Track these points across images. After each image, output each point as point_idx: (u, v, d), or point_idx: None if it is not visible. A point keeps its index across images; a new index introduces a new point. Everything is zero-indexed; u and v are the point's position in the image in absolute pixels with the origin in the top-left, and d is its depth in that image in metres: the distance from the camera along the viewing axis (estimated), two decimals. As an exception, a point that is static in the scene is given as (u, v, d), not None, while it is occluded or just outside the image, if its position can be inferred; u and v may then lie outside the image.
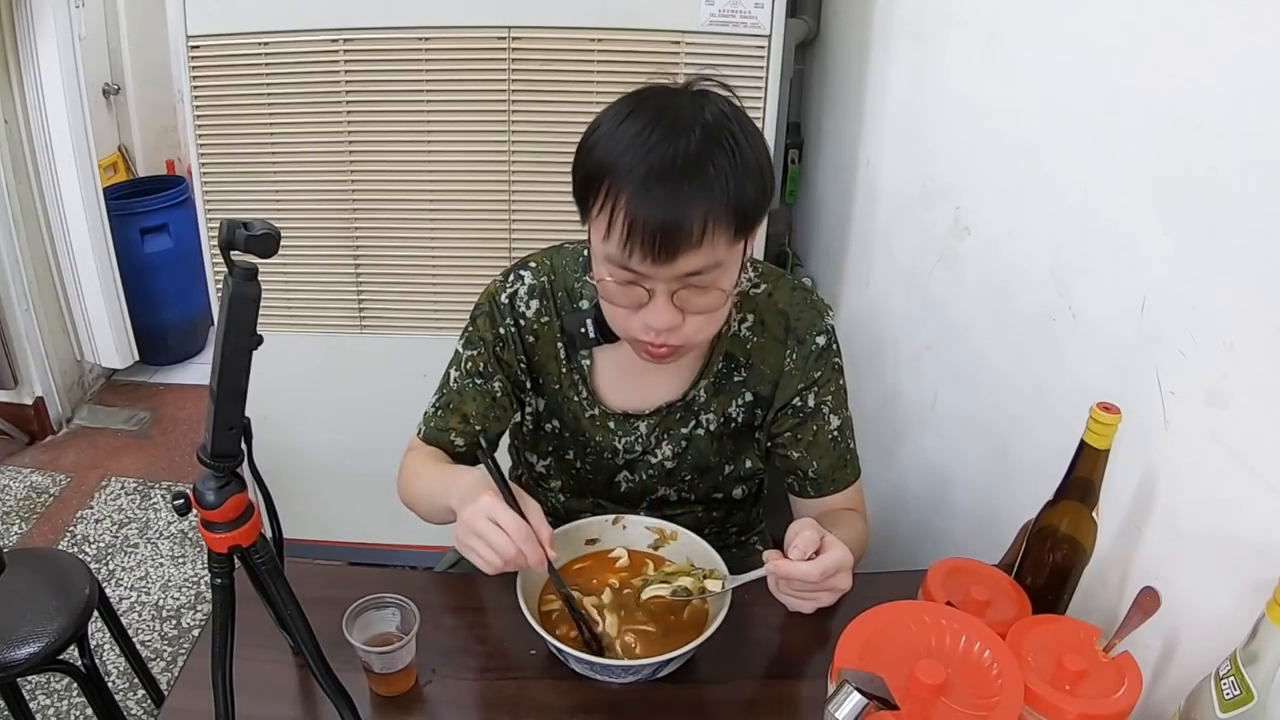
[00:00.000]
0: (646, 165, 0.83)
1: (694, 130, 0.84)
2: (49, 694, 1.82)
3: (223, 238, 0.61)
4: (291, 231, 1.66)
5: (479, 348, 1.09)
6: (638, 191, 0.83)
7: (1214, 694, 0.69)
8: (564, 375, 1.09)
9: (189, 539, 2.28)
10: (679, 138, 0.83)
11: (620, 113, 0.88)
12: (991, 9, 1.23)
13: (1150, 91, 0.88)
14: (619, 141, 0.85)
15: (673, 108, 0.87)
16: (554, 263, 1.08)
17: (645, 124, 0.85)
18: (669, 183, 0.83)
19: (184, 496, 0.69)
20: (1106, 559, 0.92)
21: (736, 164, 0.85)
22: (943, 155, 1.40)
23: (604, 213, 0.86)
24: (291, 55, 1.58)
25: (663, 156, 0.83)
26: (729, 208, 0.84)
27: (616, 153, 0.85)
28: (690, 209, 0.83)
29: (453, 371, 1.12)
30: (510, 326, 1.07)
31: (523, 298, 1.07)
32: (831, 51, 1.95)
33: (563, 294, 1.07)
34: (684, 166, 0.83)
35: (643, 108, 0.87)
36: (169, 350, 3.02)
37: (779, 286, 1.08)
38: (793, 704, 0.91)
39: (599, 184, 0.86)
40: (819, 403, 1.08)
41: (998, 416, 1.24)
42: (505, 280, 1.08)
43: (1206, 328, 0.81)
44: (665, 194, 0.83)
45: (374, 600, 0.92)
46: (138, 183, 2.95)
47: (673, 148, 0.83)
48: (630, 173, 0.83)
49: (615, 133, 0.86)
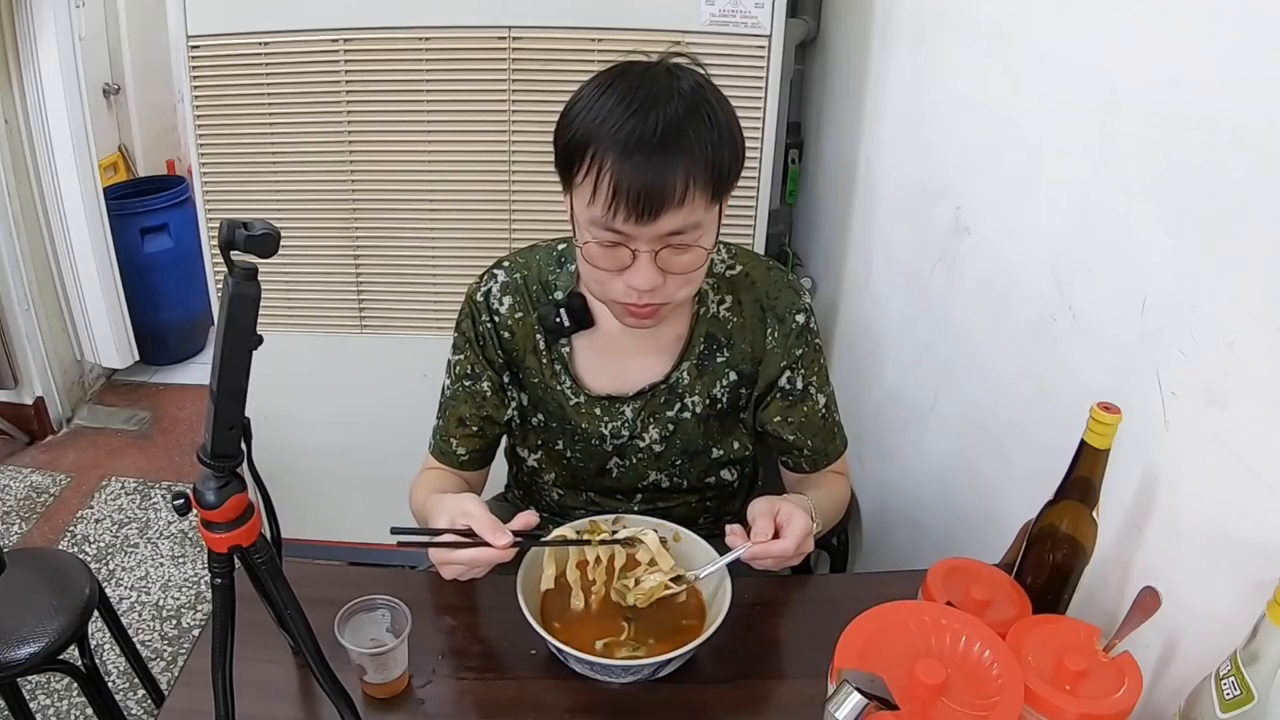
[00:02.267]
0: (629, 131, 0.87)
1: (673, 99, 0.89)
2: (49, 694, 1.82)
3: (223, 238, 0.61)
4: (291, 231, 1.66)
5: (465, 350, 1.13)
6: (621, 156, 0.87)
7: (1214, 694, 0.69)
8: (545, 366, 1.11)
9: (189, 539, 2.28)
10: (659, 106, 0.88)
11: (600, 86, 0.92)
12: (991, 9, 1.23)
13: (1150, 91, 0.88)
14: (600, 110, 0.89)
15: (650, 79, 0.91)
16: (528, 259, 1.12)
17: (625, 94, 0.89)
18: (651, 148, 0.87)
19: (184, 496, 0.69)
20: (1106, 559, 0.92)
21: (713, 130, 0.90)
22: (943, 155, 1.40)
23: (588, 178, 0.90)
24: (291, 55, 1.58)
25: (644, 123, 0.87)
26: (707, 170, 0.89)
27: (598, 121, 0.89)
28: (672, 171, 0.87)
29: (446, 381, 1.16)
30: (487, 323, 1.11)
31: (496, 295, 1.11)
32: (831, 51, 1.95)
33: (537, 287, 1.10)
34: (664, 132, 0.87)
35: (621, 80, 0.91)
36: (169, 350, 3.02)
37: (754, 267, 1.12)
38: (793, 704, 0.91)
39: (582, 151, 0.90)
40: (805, 383, 1.11)
41: (998, 416, 1.24)
42: (480, 280, 1.13)
43: (1206, 328, 0.81)
44: (647, 158, 0.87)
45: (364, 602, 0.91)
46: (138, 183, 2.95)
47: (654, 115, 0.87)
48: (614, 138, 0.88)
49: (596, 104, 0.90)
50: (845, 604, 0.85)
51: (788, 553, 0.94)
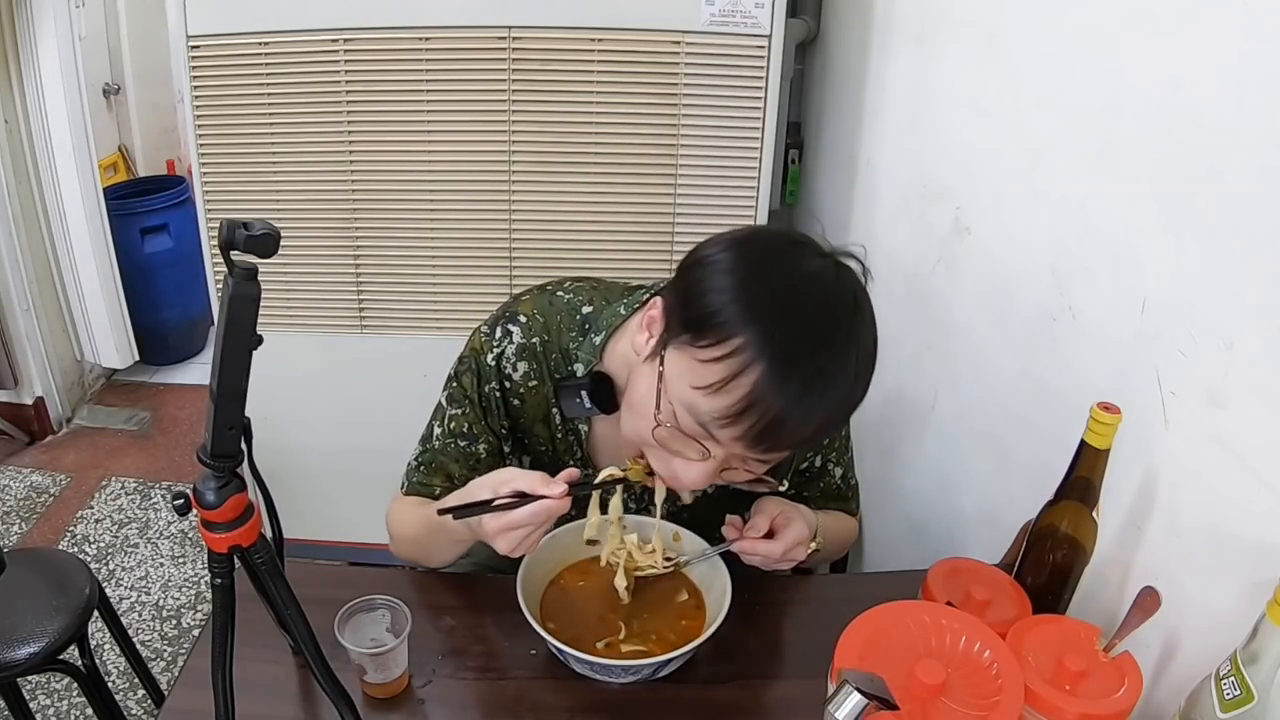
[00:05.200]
0: (799, 357, 0.75)
1: (841, 325, 0.78)
2: (49, 694, 1.82)
3: (223, 238, 0.61)
4: (291, 231, 1.66)
5: (464, 406, 1.03)
6: (772, 376, 0.75)
7: (1214, 694, 0.69)
8: (557, 440, 1.04)
9: (189, 539, 2.28)
10: (829, 331, 0.77)
11: (783, 254, 0.80)
12: (991, 9, 1.23)
13: (1150, 91, 0.88)
14: (776, 294, 0.77)
15: (833, 285, 0.80)
16: (547, 319, 1.01)
17: (810, 292, 0.78)
18: (808, 380, 0.76)
19: (184, 496, 0.69)
20: (1106, 559, 0.92)
21: (864, 366, 0.80)
22: (943, 155, 1.40)
23: (721, 365, 0.76)
24: (291, 55, 1.58)
25: (816, 353, 0.76)
26: (846, 415, 0.81)
27: (772, 312, 0.77)
28: (815, 415, 0.77)
29: (436, 427, 1.07)
30: (495, 390, 1.01)
31: (510, 359, 1.01)
32: (831, 51, 1.95)
33: (556, 356, 1.00)
34: (825, 364, 0.77)
35: (805, 267, 0.79)
36: (169, 350, 3.02)
37: None
38: (793, 704, 0.91)
39: (733, 329, 0.76)
40: (824, 461, 1.09)
41: (998, 416, 1.24)
42: (493, 335, 1.01)
43: (1206, 328, 0.81)
44: (800, 392, 0.76)
45: (364, 602, 0.91)
46: (138, 183, 2.95)
47: (822, 340, 0.77)
48: (779, 351, 0.75)
49: (774, 277, 0.78)
50: (845, 604, 0.85)
51: (774, 554, 0.93)
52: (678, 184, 1.66)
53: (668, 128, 1.61)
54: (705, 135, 1.62)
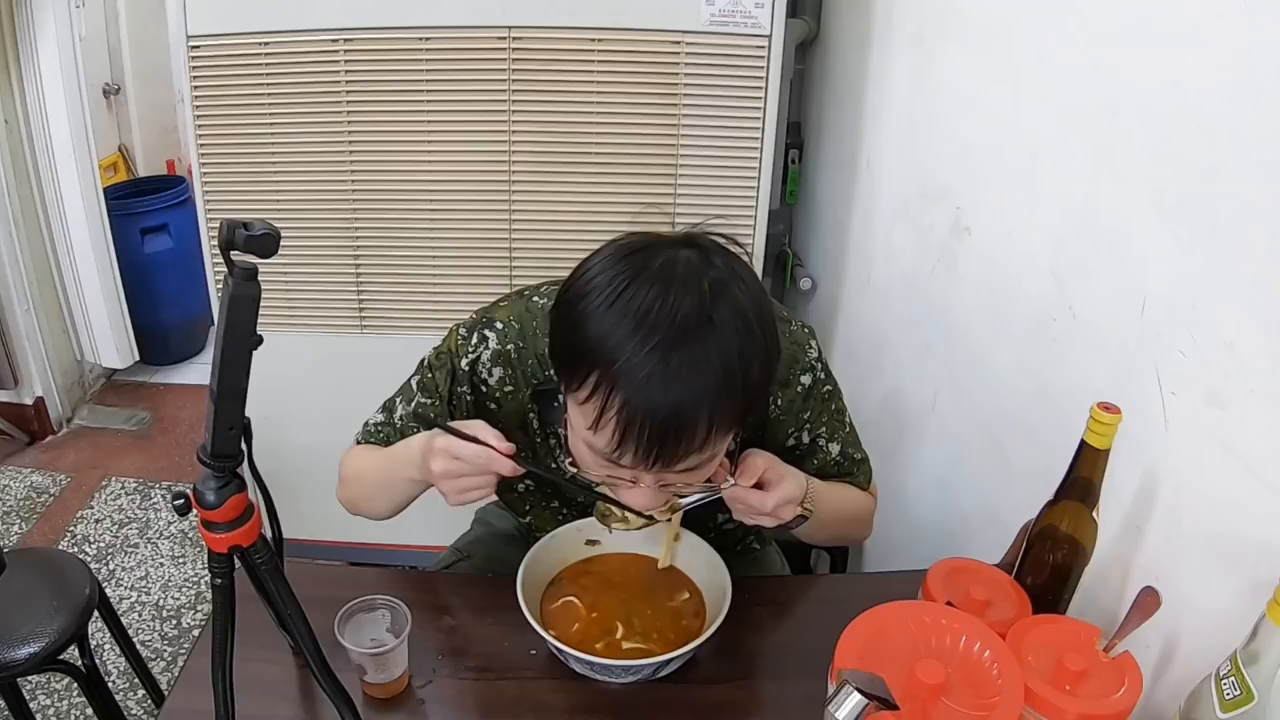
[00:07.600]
0: (648, 366, 0.74)
1: (700, 319, 0.76)
2: (49, 694, 1.82)
3: (223, 238, 0.61)
4: (291, 231, 1.66)
5: (434, 398, 1.03)
6: (637, 395, 0.74)
7: (1214, 694, 0.69)
8: (538, 444, 1.05)
9: (189, 539, 2.28)
10: (685, 331, 0.75)
11: (615, 282, 0.78)
12: (991, 9, 1.23)
13: (1150, 91, 0.88)
14: (614, 323, 0.76)
15: (674, 284, 0.77)
16: (523, 325, 1.00)
17: (645, 305, 0.75)
18: (674, 387, 0.74)
19: (184, 496, 0.69)
20: (1106, 559, 0.92)
21: (736, 344, 0.77)
22: (943, 155, 1.40)
23: (592, 403, 0.77)
24: (291, 55, 1.58)
25: (666, 356, 0.74)
26: (734, 409, 0.79)
27: (613, 338, 0.75)
28: (695, 416, 0.76)
29: (400, 405, 1.07)
30: (466, 393, 1.01)
31: (485, 364, 1.00)
32: (831, 51, 1.95)
33: (532, 361, 1.00)
34: (689, 368, 0.74)
35: (640, 280, 0.77)
36: (169, 350, 3.02)
37: None
38: (793, 704, 0.91)
39: (587, 369, 0.77)
40: (814, 437, 1.07)
41: (998, 416, 1.24)
42: (469, 339, 1.01)
43: (1206, 328, 0.81)
44: (669, 400, 0.75)
45: (364, 603, 0.91)
46: (138, 183, 2.95)
47: (678, 343, 0.74)
48: (628, 368, 0.74)
49: (610, 310, 0.76)
50: (845, 604, 0.85)
51: (763, 508, 0.91)
52: (678, 184, 1.66)
53: (668, 128, 1.61)
54: (705, 135, 1.62)
